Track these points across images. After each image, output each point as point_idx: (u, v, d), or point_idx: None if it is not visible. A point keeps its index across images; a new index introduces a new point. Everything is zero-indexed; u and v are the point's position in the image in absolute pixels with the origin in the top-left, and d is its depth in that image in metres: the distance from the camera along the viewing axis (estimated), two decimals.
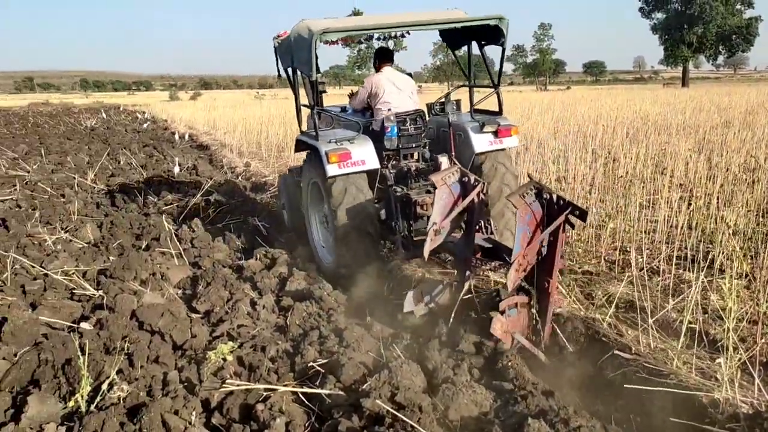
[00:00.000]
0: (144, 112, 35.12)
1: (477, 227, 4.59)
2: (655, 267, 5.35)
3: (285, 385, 3.33)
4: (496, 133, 5.61)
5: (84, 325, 4.19)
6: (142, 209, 8.22)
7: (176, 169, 10.86)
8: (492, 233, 5.26)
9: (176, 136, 18.45)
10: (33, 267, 5.59)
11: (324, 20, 5.46)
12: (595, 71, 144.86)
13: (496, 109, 5.97)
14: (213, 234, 6.91)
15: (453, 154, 5.80)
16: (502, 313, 3.83)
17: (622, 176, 8.09)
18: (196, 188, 9.93)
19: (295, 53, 5.58)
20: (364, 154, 5.25)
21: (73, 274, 5.41)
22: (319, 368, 3.49)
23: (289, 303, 4.75)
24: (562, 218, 3.66)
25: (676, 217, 6.17)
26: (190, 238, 6.66)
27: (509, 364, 3.51)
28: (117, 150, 15.75)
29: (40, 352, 3.71)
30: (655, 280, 5.02)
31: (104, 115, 30.87)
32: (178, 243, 6.33)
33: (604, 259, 5.60)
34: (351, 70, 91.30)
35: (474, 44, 5.98)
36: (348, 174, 5.22)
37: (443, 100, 6.36)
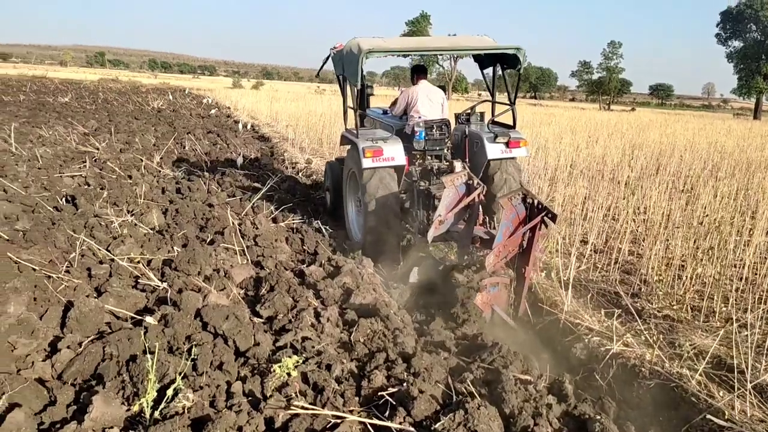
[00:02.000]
0: (208, 98, 35.78)
1: (480, 222, 5.65)
2: (740, 318, 4.97)
3: (351, 412, 3.16)
4: (507, 144, 6.51)
5: (149, 319, 4.11)
6: (206, 199, 8.21)
7: (239, 160, 10.88)
8: (494, 228, 5.93)
9: (240, 126, 18.62)
10: (99, 250, 5.59)
11: (372, 39, 6.47)
12: (661, 94, 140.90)
13: (516, 122, 6.89)
14: (276, 233, 6.82)
15: (467, 159, 6.81)
16: (484, 288, 4.89)
17: (707, 215, 7.64)
18: (258, 181, 9.93)
19: (345, 65, 6.68)
20: (394, 152, 6.23)
21: (138, 262, 5.38)
22: (388, 397, 3.30)
23: (353, 318, 4.58)
24: (538, 219, 4.70)
25: (763, 264, 5.76)
26: (253, 235, 6.58)
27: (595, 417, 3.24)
28: (182, 134, 15.98)
29: (105, 345, 3.64)
30: (743, 334, 4.65)
31: (171, 97, 31.53)
32: (241, 239, 6.25)
33: (687, 305, 5.24)
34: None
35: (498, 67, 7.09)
36: (379, 167, 6.20)
37: (469, 111, 7.40)
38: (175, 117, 21.39)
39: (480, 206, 5.46)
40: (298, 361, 3.61)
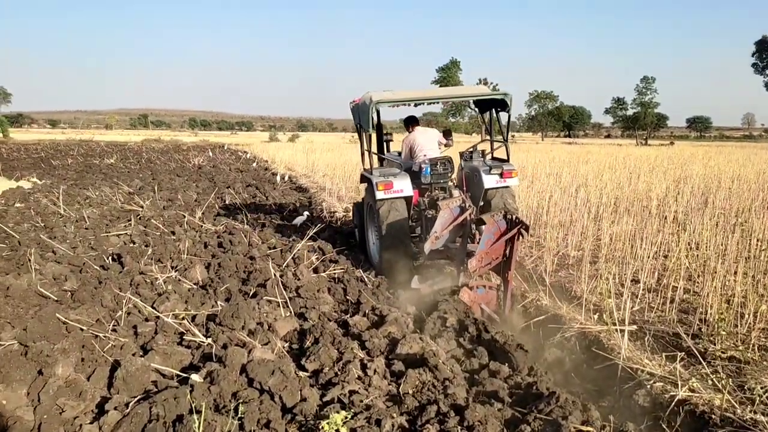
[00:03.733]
0: (246, 152, 36.60)
1: (470, 239, 6.43)
2: None
3: None
4: (501, 175, 7.54)
5: (194, 377, 4.05)
6: (247, 251, 8.25)
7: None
8: None
9: (278, 178, 18.89)
10: (145, 308, 5.62)
11: (383, 92, 7.60)
12: (699, 126, 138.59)
13: (509, 156, 7.96)
14: (318, 283, 6.77)
15: (465, 188, 7.86)
16: (471, 288, 5.96)
17: (764, 248, 7.30)
18: (297, 232, 9.96)
19: (360, 115, 7.77)
20: (403, 185, 7.32)
21: (182, 318, 5.37)
22: None
23: (400, 368, 4.45)
24: (515, 231, 5.65)
25: None
26: (295, 286, 6.54)
27: None
28: (222, 189, 16.29)
29: (151, 405, 3.59)
30: None
31: (210, 153, 32.36)
32: (284, 291, 6.21)
33: (753, 344, 4.93)
34: (445, 117, 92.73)
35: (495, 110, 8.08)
36: (390, 198, 7.27)
37: (471, 149, 8.45)
38: (215, 172, 21.89)
39: (473, 226, 6.42)
40: (346, 417, 3.49)
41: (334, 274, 7.29)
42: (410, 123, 8.50)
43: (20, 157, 29.71)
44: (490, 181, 7.55)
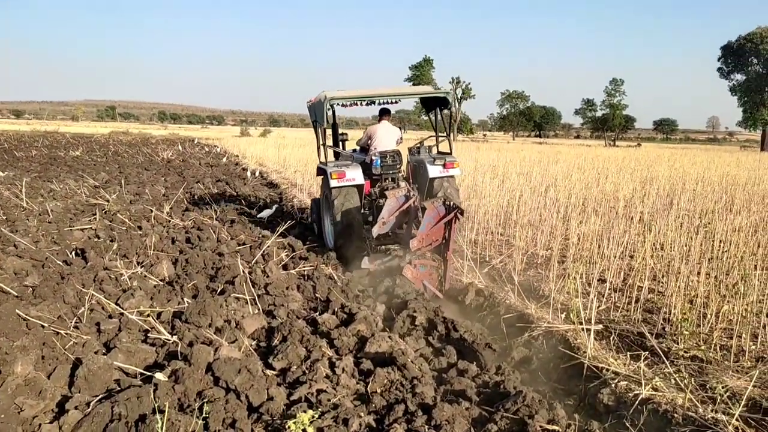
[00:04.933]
0: (216, 146, 36.16)
1: (415, 224, 6.80)
2: None
3: None
4: (444, 165, 8.28)
5: (158, 376, 3.98)
6: (216, 248, 8.14)
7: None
8: None
9: (248, 174, 18.69)
10: (109, 304, 5.50)
11: (336, 92, 8.33)
12: (666, 129, 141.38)
13: (452, 150, 8.90)
14: (287, 280, 6.71)
15: (412, 179, 8.60)
16: (414, 266, 6.71)
17: (726, 250, 7.47)
18: (267, 228, 9.87)
19: (317, 111, 8.54)
20: (355, 175, 8.04)
21: (148, 315, 5.27)
22: None
23: (369, 367, 4.43)
24: (452, 215, 6.38)
25: None
26: (264, 283, 6.47)
27: None
28: (191, 183, 16.06)
29: (113, 404, 3.51)
30: None
31: (180, 147, 31.88)
32: (252, 288, 6.14)
33: (715, 344, 5.04)
34: (417, 115, 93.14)
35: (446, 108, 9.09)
36: (343, 186, 7.98)
37: (419, 144, 9.23)
38: (184, 167, 21.58)
39: (418, 212, 6.90)
40: (313, 416, 3.46)
41: (304, 271, 7.24)
42: (381, 114, 9.11)
43: None
44: (434, 171, 8.28)
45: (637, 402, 3.98)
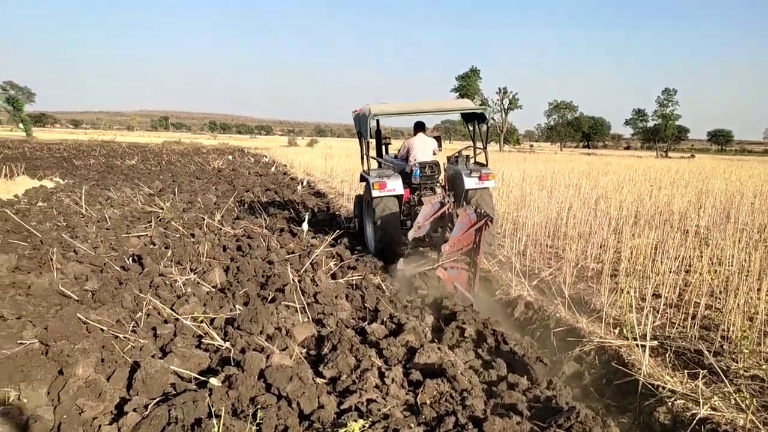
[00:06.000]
0: (265, 156, 36.80)
1: (449, 229, 7.28)
2: None
3: None
4: (480, 177, 8.57)
5: (213, 381, 4.07)
6: (266, 256, 8.28)
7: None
8: None
9: (299, 187, 18.92)
10: (164, 309, 5.65)
11: (381, 105, 8.97)
12: (720, 140, 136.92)
13: (488, 161, 9.17)
14: (335, 290, 6.77)
15: (448, 188, 8.82)
16: (445, 268, 7.19)
17: None
18: (316, 237, 9.98)
19: (360, 124, 9.17)
20: (395, 185, 8.51)
21: (201, 321, 5.40)
22: None
23: (418, 378, 4.43)
24: (482, 222, 6.65)
25: None
26: (313, 292, 6.54)
27: None
28: (241, 192, 16.38)
29: (170, 408, 3.61)
30: None
31: (230, 157, 32.58)
32: (302, 296, 6.22)
33: None
34: (463, 125, 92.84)
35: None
36: (384, 196, 8.46)
37: (457, 155, 9.43)
38: (234, 176, 22.03)
39: (452, 218, 7.27)
40: (364, 425, 3.48)
41: (352, 280, 7.29)
42: (417, 128, 9.67)
43: (43, 156, 30.15)
44: (470, 182, 8.60)
45: (694, 422, 3.86)
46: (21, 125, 70.46)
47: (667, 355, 5.08)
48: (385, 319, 5.75)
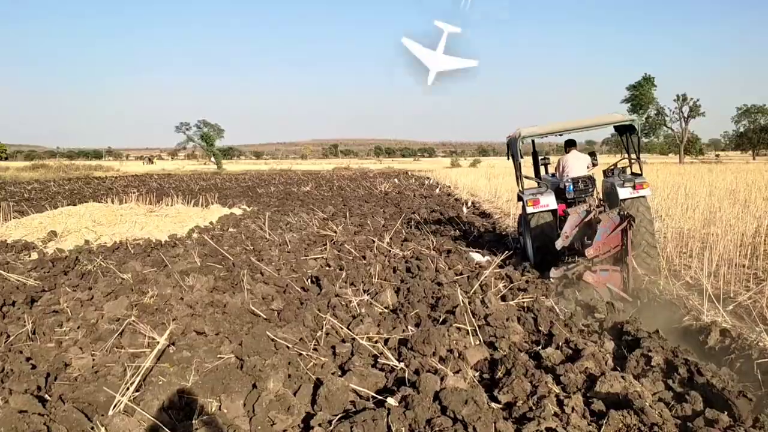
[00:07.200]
0: (429, 178, 37.45)
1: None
2: None
3: None
4: (634, 186, 8.73)
5: (390, 401, 4.17)
6: (434, 277, 8.37)
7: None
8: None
9: (464, 208, 18.96)
10: (341, 329, 5.92)
11: (529, 127, 9.49)
12: None
13: (642, 171, 9.37)
14: (506, 312, 6.63)
15: (603, 200, 8.95)
16: (594, 271, 7.34)
17: None
18: (482, 256, 9.89)
19: (512, 147, 9.94)
20: (548, 201, 9.03)
21: (376, 341, 5.57)
22: None
23: (600, 408, 4.16)
24: (626, 222, 7.04)
25: None
26: (483, 314, 6.47)
27: None
28: (408, 214, 16.78)
29: (352, 425, 3.75)
30: None
31: (396, 180, 33.63)
32: (472, 318, 6.17)
33: None
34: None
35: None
36: (538, 212, 9.07)
37: (612, 167, 9.80)
38: (400, 198, 22.68)
39: (598, 224, 7.42)
40: None
41: (523, 302, 7.10)
42: (567, 146, 10.11)
43: (232, 186, 33.37)
44: (624, 192, 8.76)
45: None
46: (213, 159, 78.61)
47: None
48: (560, 344, 5.51)
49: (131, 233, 12.73)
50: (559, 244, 7.78)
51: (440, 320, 6.32)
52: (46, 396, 4.43)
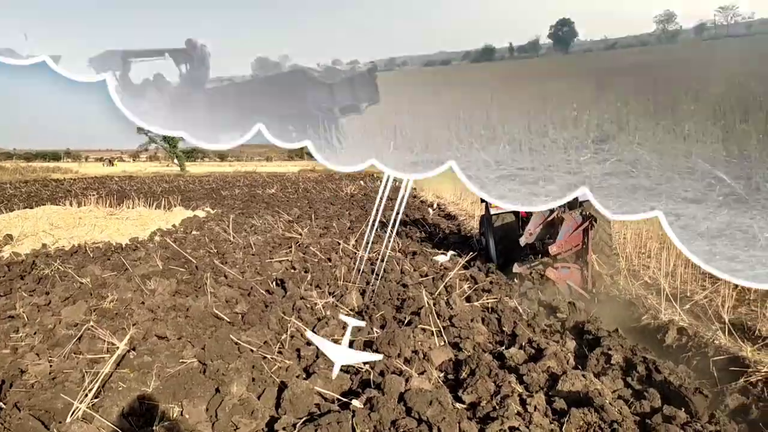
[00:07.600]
0: (395, 181, 37.45)
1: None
2: None
3: None
4: None
5: (355, 403, 4.16)
6: (400, 279, 8.39)
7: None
8: None
9: (429, 210, 19.08)
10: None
11: None
12: None
13: None
14: (471, 312, 6.69)
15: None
16: (555, 268, 7.70)
17: None
18: (450, 261, 9.96)
19: None
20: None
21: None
22: None
23: (562, 406, 4.22)
24: (587, 223, 7.42)
25: None
26: (448, 315, 6.51)
27: None
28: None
29: (317, 428, 3.73)
30: None
31: (362, 182, 33.61)
32: (437, 319, 6.21)
33: None
34: None
35: None
36: (501, 213, 9.54)
37: None
38: (366, 201, 22.66)
39: (560, 223, 7.70)
40: None
41: (487, 303, 7.17)
42: None
43: (195, 188, 32.85)
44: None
45: None
46: (176, 161, 77.33)
47: None
48: (523, 344, 5.58)
49: (91, 237, 12.44)
50: (523, 241, 8.16)
51: (405, 322, 6.35)
52: (1, 404, 4.29)
